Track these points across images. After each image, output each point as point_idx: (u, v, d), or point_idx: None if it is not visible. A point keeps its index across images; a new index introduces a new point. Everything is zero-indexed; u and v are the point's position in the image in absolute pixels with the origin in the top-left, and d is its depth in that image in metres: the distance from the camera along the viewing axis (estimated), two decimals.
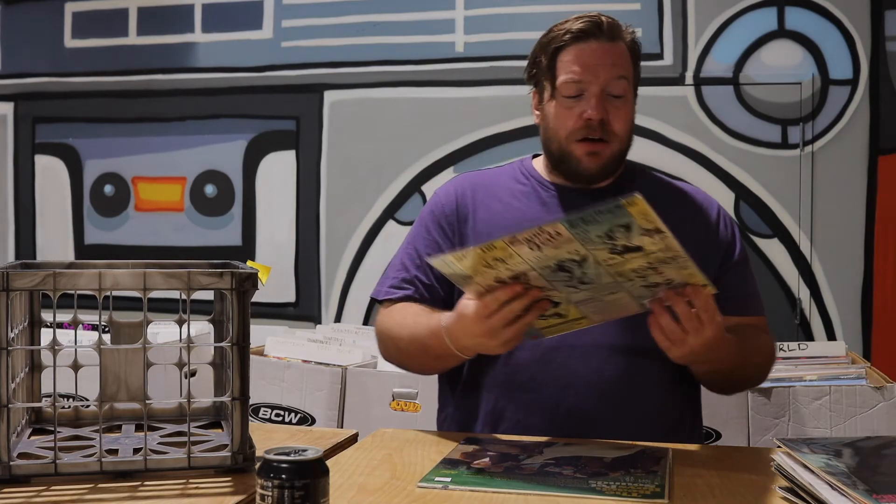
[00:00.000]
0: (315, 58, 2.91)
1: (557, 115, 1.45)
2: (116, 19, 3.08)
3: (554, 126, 1.47)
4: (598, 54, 1.42)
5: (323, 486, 0.84)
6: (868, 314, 2.54)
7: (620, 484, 1.04)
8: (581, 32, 1.43)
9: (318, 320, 2.90)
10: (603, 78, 1.42)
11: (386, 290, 1.52)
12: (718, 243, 1.49)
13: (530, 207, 1.49)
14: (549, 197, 1.50)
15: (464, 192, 1.54)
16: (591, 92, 1.42)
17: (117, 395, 1.09)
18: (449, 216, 1.52)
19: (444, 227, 1.52)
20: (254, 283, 1.06)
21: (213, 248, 2.98)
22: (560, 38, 1.45)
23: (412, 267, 1.51)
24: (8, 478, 1.00)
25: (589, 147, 1.44)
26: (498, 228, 1.47)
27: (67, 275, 1.01)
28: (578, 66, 1.42)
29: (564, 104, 1.44)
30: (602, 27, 1.43)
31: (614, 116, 1.44)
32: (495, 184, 1.55)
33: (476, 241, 1.47)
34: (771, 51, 2.59)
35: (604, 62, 1.42)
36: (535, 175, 1.54)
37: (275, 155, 2.95)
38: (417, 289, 1.49)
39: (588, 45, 1.43)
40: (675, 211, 1.46)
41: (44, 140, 3.15)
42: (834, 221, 2.54)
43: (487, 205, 1.51)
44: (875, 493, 0.85)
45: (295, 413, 2.22)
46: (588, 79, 1.42)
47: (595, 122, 1.42)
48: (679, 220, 1.45)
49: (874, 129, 2.54)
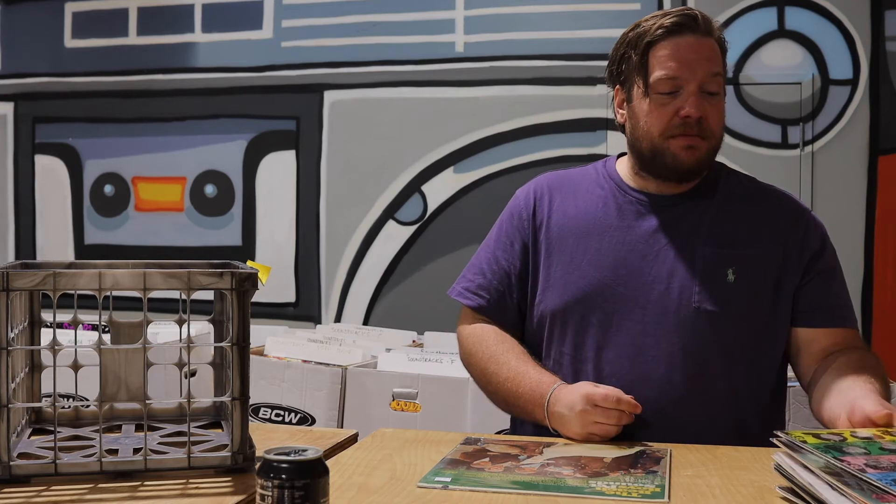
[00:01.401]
0: (315, 58, 2.91)
1: (651, 112, 1.38)
2: (116, 19, 3.09)
3: (647, 124, 1.40)
4: (695, 49, 1.36)
5: (323, 486, 0.84)
6: (868, 314, 2.54)
7: (620, 484, 1.04)
8: (675, 26, 1.36)
9: (318, 320, 2.90)
10: (700, 74, 1.35)
11: (460, 290, 1.52)
12: (802, 250, 1.40)
13: (605, 212, 1.45)
14: (625, 203, 1.45)
15: (542, 194, 1.51)
16: (689, 89, 1.36)
17: (117, 395, 1.08)
18: (525, 220, 1.50)
19: (520, 229, 1.50)
20: (254, 283, 1.06)
21: (213, 248, 2.98)
22: (652, 31, 1.37)
23: (489, 273, 1.50)
24: (8, 478, 1.00)
25: (687, 141, 1.37)
26: (569, 235, 1.45)
27: (67, 275, 1.01)
28: (675, 62, 1.36)
29: (659, 101, 1.37)
30: (698, 20, 1.36)
31: (710, 114, 1.37)
32: (575, 186, 1.51)
33: (545, 246, 1.46)
34: (771, 51, 2.59)
35: (700, 57, 1.36)
36: (615, 178, 1.49)
37: (275, 155, 2.95)
38: (491, 298, 1.49)
39: (684, 39, 1.36)
40: (758, 219, 1.42)
41: (44, 140, 3.15)
42: (834, 221, 2.53)
43: (563, 209, 1.48)
44: (875, 493, 0.85)
45: (295, 413, 2.22)
46: (685, 75, 1.35)
47: (693, 120, 1.36)
48: (760, 230, 1.40)
49: (874, 129, 2.54)
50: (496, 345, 1.45)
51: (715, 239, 1.39)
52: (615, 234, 1.42)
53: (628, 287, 1.38)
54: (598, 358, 1.38)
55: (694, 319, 1.35)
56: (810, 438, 1.00)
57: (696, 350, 1.35)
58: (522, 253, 1.48)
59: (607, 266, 1.40)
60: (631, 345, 1.37)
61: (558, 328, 1.42)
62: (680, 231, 1.40)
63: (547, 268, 1.45)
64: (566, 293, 1.41)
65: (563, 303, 1.41)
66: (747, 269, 1.37)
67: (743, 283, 1.36)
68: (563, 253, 1.44)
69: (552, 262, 1.44)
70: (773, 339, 1.39)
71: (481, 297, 1.49)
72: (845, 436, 1.01)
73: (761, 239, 1.40)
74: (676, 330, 1.35)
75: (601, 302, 1.39)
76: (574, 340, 1.40)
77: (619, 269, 1.39)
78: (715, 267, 1.37)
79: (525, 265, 1.48)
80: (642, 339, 1.36)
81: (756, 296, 1.37)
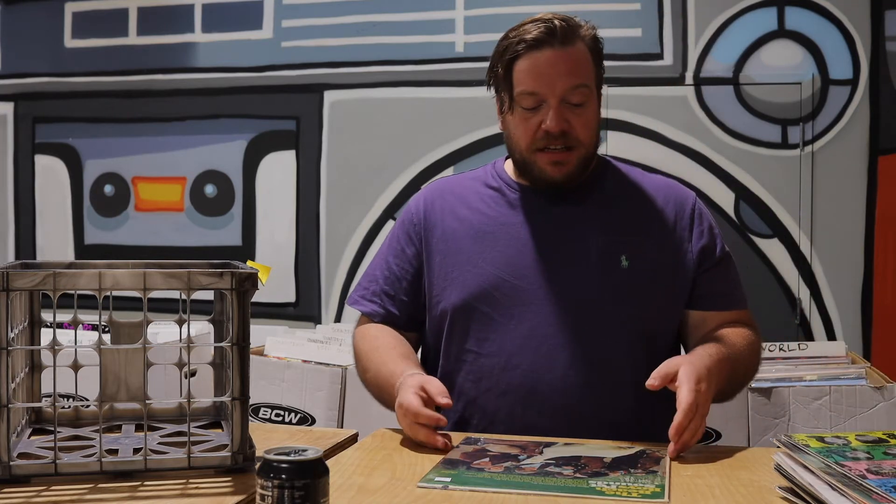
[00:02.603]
0: (315, 58, 2.91)
1: (518, 126, 1.43)
2: (116, 19, 3.08)
3: (515, 136, 1.45)
4: (553, 63, 1.37)
5: (323, 486, 0.84)
6: (868, 314, 2.54)
7: (620, 484, 1.04)
8: (535, 41, 1.37)
9: (318, 320, 2.90)
10: (560, 88, 1.37)
11: (355, 298, 1.57)
12: (692, 239, 1.46)
13: (498, 211, 1.49)
14: (516, 199, 1.49)
15: (433, 200, 1.54)
16: (549, 104, 1.38)
17: (117, 395, 1.08)
18: (417, 226, 1.53)
19: (412, 236, 1.53)
20: (254, 283, 1.06)
21: (213, 248, 2.98)
22: (513, 47, 1.39)
23: (381, 279, 1.54)
24: (8, 478, 1.00)
25: (553, 157, 1.41)
26: (464, 234, 1.48)
27: (67, 275, 1.01)
28: (533, 78, 1.38)
29: (523, 115, 1.41)
30: (555, 33, 1.37)
31: (576, 124, 1.40)
32: (465, 188, 1.54)
33: (441, 248, 1.49)
34: (771, 51, 2.59)
35: (559, 71, 1.37)
36: (504, 177, 1.53)
37: (275, 155, 2.95)
38: (383, 303, 1.52)
39: (542, 53, 1.37)
40: (645, 207, 1.48)
41: (44, 140, 3.15)
42: (834, 221, 2.54)
43: (455, 211, 1.51)
44: (875, 493, 0.85)
45: (295, 413, 2.22)
46: (544, 91, 1.38)
47: (555, 133, 1.39)
48: (648, 217, 1.47)
49: (874, 129, 2.54)
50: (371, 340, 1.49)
51: (606, 227, 1.44)
52: (510, 231, 1.46)
53: (526, 280, 1.42)
54: (501, 351, 1.41)
55: (592, 306, 1.40)
56: (813, 442, 1.00)
57: (596, 336, 1.40)
58: (415, 257, 1.52)
59: (504, 262, 1.44)
60: (533, 335, 1.40)
61: (459, 325, 1.45)
62: (572, 223, 1.45)
63: (444, 268, 1.48)
64: (465, 290, 1.44)
65: (461, 300, 1.44)
66: (640, 255, 1.42)
67: (637, 268, 1.41)
68: (460, 253, 1.47)
69: (448, 263, 1.47)
70: (668, 319, 1.46)
71: (374, 302, 1.53)
72: (849, 439, 1.01)
73: (651, 225, 1.46)
74: (576, 317, 1.40)
75: (500, 297, 1.42)
76: (477, 336, 1.44)
77: (516, 263, 1.43)
78: (609, 254, 1.42)
79: (419, 269, 1.51)
80: (544, 330, 1.40)
81: (650, 279, 1.42)
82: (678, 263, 1.45)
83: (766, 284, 2.56)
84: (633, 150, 2.64)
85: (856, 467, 0.91)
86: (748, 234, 2.58)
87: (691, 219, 1.47)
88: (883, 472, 0.90)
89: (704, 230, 1.47)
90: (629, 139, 2.66)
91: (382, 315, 1.52)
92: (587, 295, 1.41)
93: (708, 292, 1.45)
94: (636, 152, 2.63)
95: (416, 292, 1.51)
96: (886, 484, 0.87)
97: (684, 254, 1.45)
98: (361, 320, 1.56)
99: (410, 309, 1.52)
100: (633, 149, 2.64)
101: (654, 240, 1.44)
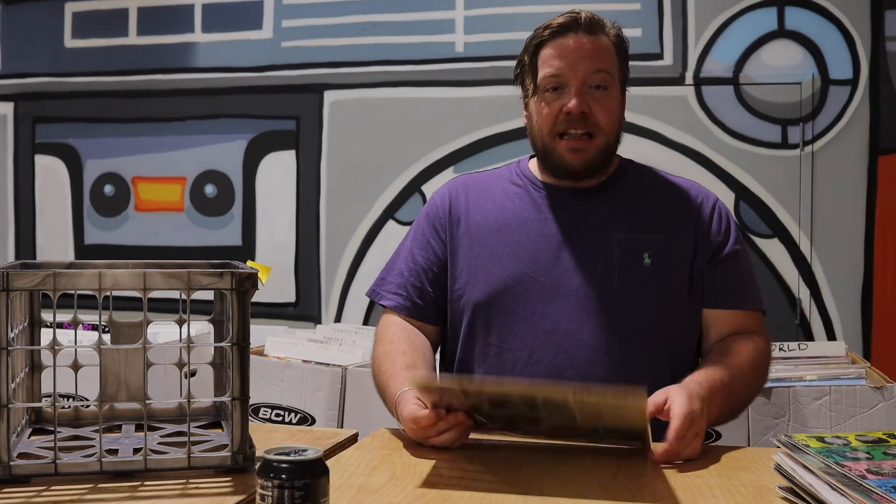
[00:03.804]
0: (315, 58, 2.91)
1: (539, 111, 1.47)
2: (116, 19, 3.08)
3: (538, 123, 1.48)
4: (577, 47, 1.43)
5: (323, 486, 0.84)
6: (868, 314, 2.54)
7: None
8: (560, 27, 1.44)
9: (318, 320, 2.90)
10: (582, 70, 1.42)
11: (380, 292, 1.56)
12: (710, 238, 1.48)
13: (522, 207, 1.51)
14: (540, 197, 1.51)
15: (457, 194, 1.56)
16: (572, 85, 1.43)
17: (117, 395, 1.09)
18: (442, 219, 1.54)
19: (438, 229, 1.54)
20: (254, 283, 1.06)
21: (213, 248, 2.98)
22: (540, 34, 1.46)
23: (406, 271, 1.54)
24: (8, 478, 1.00)
25: (572, 143, 1.44)
26: (489, 229, 1.49)
27: (67, 275, 1.01)
28: (557, 60, 1.43)
29: (545, 99, 1.45)
30: (580, 21, 1.44)
31: (597, 109, 1.44)
32: (490, 185, 1.57)
33: (465, 242, 1.49)
34: (771, 51, 2.59)
35: (582, 55, 1.42)
36: (528, 175, 1.55)
37: (275, 155, 2.95)
38: (409, 294, 1.52)
39: (567, 39, 1.43)
40: (668, 206, 1.50)
41: (44, 140, 3.15)
42: (834, 221, 2.54)
43: (480, 206, 1.53)
44: (875, 493, 0.85)
45: (295, 413, 2.22)
46: (567, 72, 1.42)
47: (576, 115, 1.42)
48: (671, 215, 1.48)
49: (874, 129, 2.54)
50: (386, 344, 1.47)
51: (629, 225, 1.46)
52: (533, 227, 1.48)
53: (549, 276, 1.43)
54: (524, 346, 1.42)
55: (615, 303, 1.41)
56: (813, 442, 1.00)
57: (619, 332, 1.40)
58: (441, 250, 1.53)
59: (527, 257, 1.45)
60: (556, 331, 1.41)
61: (482, 320, 1.46)
62: (595, 220, 1.47)
63: (467, 262, 1.49)
64: (489, 285, 1.45)
65: (485, 295, 1.45)
66: (662, 252, 1.44)
67: (659, 266, 1.43)
68: (484, 247, 1.48)
69: (473, 257, 1.49)
70: (689, 318, 1.46)
71: (399, 295, 1.52)
72: (849, 439, 1.01)
73: (672, 224, 1.48)
74: (599, 314, 1.41)
75: (523, 292, 1.44)
76: (500, 330, 1.44)
77: (540, 259, 1.45)
78: (631, 251, 1.43)
79: (443, 262, 1.52)
80: (567, 325, 1.41)
81: (672, 277, 1.44)
82: (697, 261, 1.46)
83: (766, 284, 2.55)
84: (633, 150, 2.61)
85: (856, 467, 0.91)
86: (748, 234, 2.58)
87: (710, 216, 1.49)
88: (883, 472, 0.90)
89: (722, 227, 1.49)
90: (629, 139, 2.62)
91: (409, 308, 1.52)
92: (610, 291, 1.42)
93: (721, 288, 1.46)
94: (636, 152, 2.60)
95: (443, 285, 1.52)
96: (886, 484, 0.87)
97: (702, 251, 1.46)
98: (385, 315, 1.54)
99: (437, 301, 1.52)
100: (633, 149, 2.61)
101: (676, 238, 1.46)
